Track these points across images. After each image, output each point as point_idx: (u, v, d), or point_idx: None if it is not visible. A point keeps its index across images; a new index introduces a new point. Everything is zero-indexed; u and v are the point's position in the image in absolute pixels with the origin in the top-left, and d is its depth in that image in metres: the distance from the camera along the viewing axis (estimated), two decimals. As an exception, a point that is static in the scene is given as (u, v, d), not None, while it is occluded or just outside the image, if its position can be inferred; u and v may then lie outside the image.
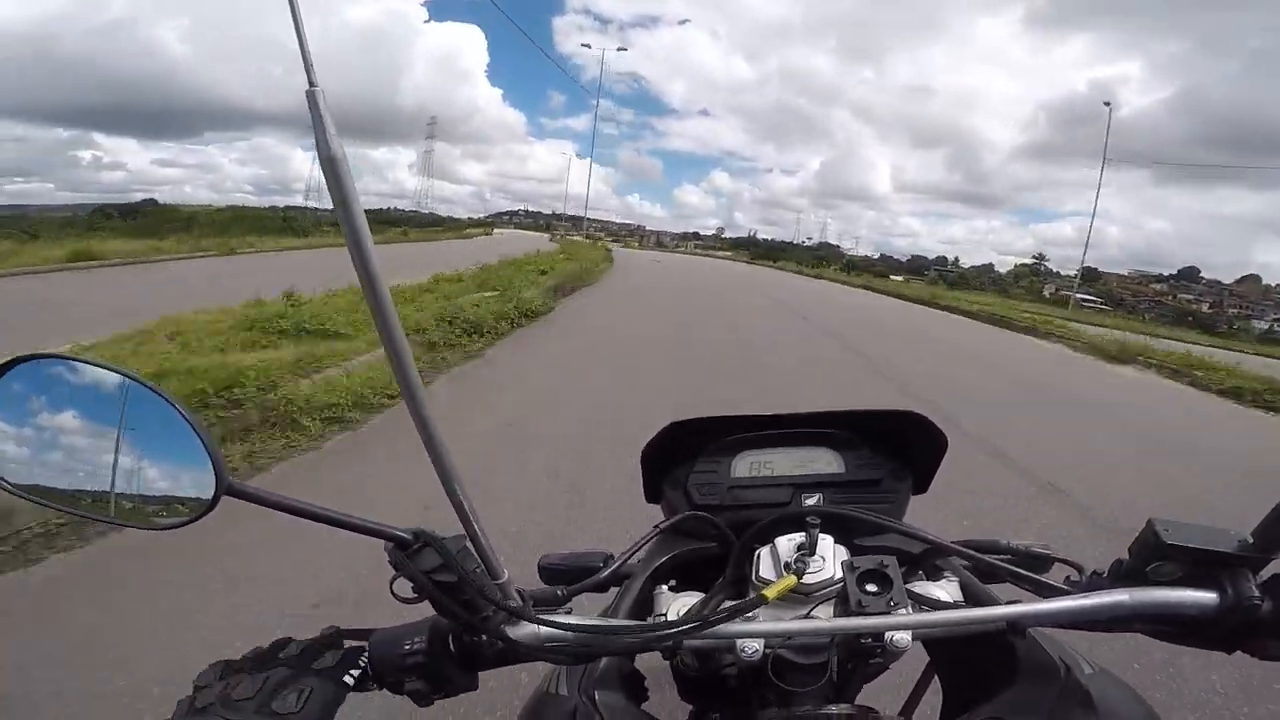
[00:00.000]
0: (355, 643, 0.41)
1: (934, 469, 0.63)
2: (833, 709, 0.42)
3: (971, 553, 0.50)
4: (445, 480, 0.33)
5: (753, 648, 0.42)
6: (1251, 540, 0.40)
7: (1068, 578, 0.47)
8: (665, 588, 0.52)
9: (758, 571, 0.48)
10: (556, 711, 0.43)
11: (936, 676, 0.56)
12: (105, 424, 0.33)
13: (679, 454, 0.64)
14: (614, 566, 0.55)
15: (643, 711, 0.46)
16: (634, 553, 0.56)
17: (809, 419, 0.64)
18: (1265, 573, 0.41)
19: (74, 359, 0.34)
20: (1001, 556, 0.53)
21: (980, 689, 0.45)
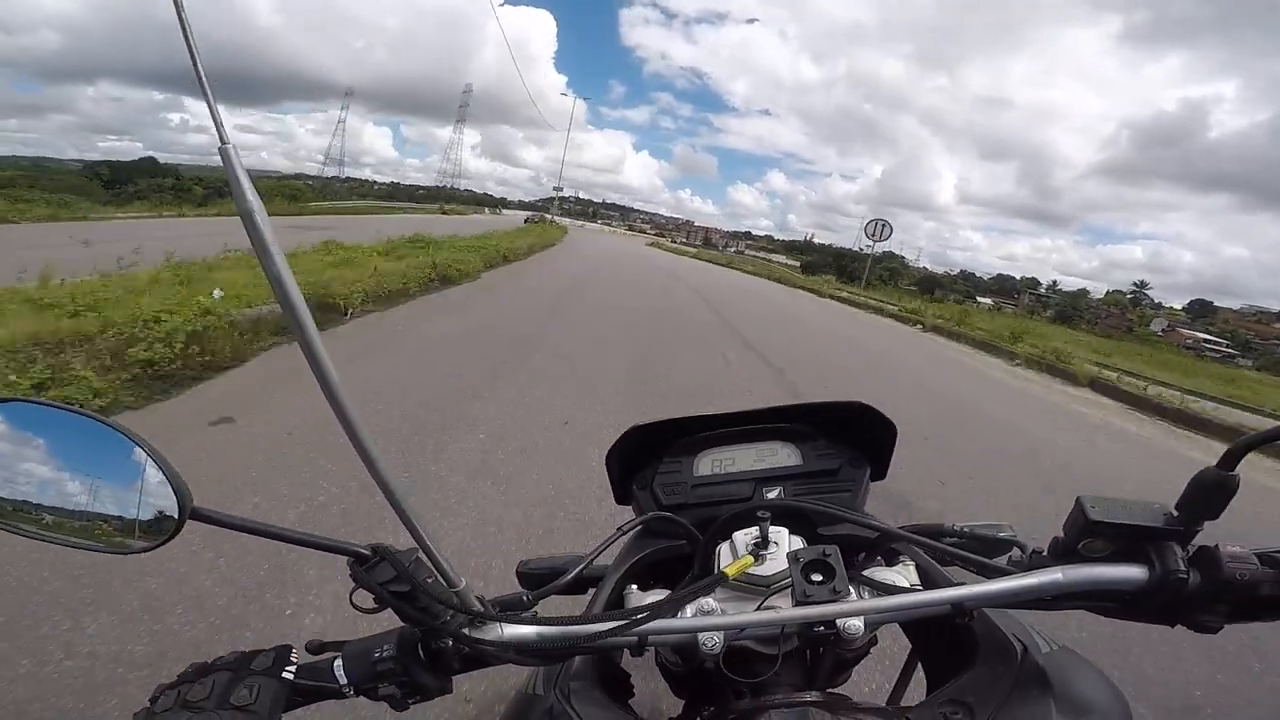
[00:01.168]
0: (331, 654, 0.43)
1: (889, 455, 0.64)
2: (805, 696, 0.43)
3: (917, 537, 0.50)
4: (390, 498, 0.33)
5: (713, 640, 0.43)
6: (1176, 513, 0.41)
7: (1010, 557, 0.47)
8: (635, 587, 0.53)
9: (719, 567, 0.48)
10: (533, 710, 0.44)
11: (921, 663, 0.55)
12: (74, 461, 0.37)
13: (644, 455, 0.66)
14: (579, 569, 0.53)
15: (624, 707, 0.46)
16: (598, 554, 0.53)
17: (766, 414, 0.65)
18: (1195, 545, 0.41)
19: (41, 403, 0.37)
20: (949, 540, 0.52)
21: (952, 672, 0.46)
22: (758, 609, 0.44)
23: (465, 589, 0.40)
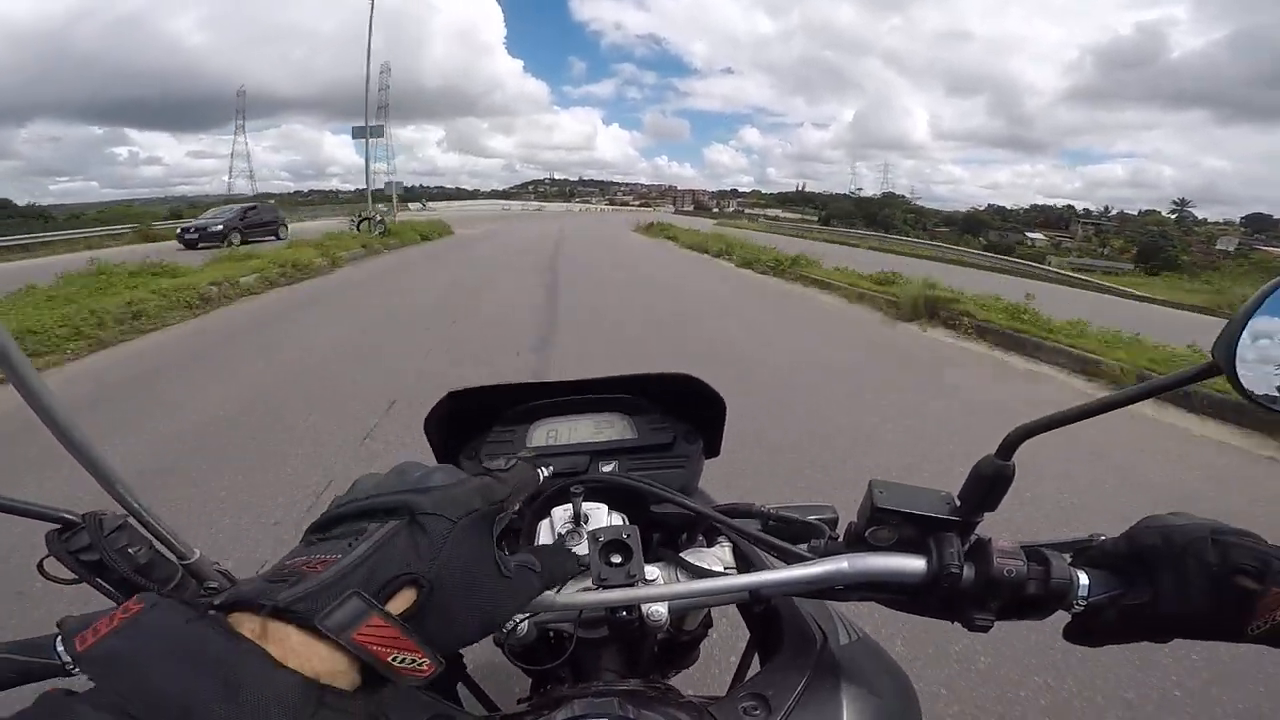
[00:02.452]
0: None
1: (720, 431, 0.63)
2: (622, 684, 0.42)
3: (725, 519, 0.48)
4: (93, 467, 0.32)
5: (513, 623, 0.42)
6: (959, 503, 0.40)
7: (811, 544, 0.46)
8: None
9: (537, 544, 0.48)
10: None
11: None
12: None
13: (473, 423, 0.63)
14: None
15: (435, 695, 0.43)
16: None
17: (600, 384, 0.64)
18: (974, 538, 0.40)
19: None
20: (760, 522, 0.51)
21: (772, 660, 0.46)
22: (557, 592, 0.41)
23: (200, 560, 0.38)
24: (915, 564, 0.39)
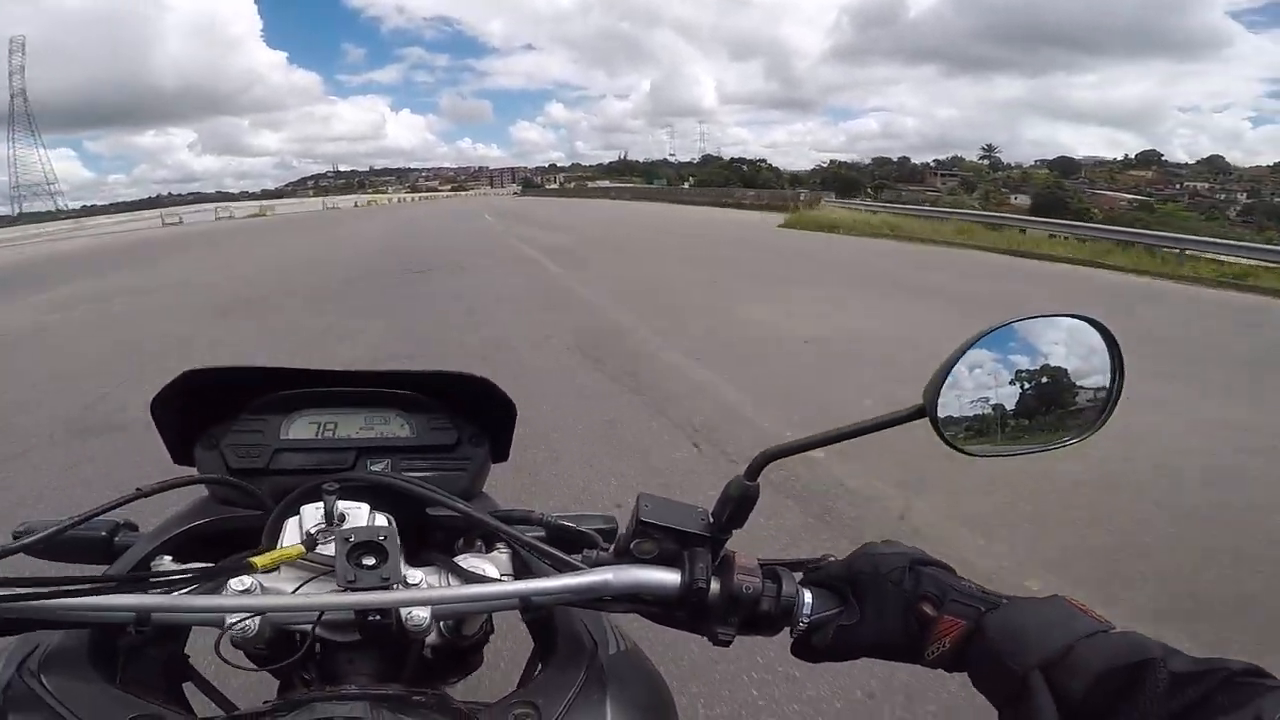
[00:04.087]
0: None
1: (509, 435, 0.61)
2: (390, 689, 0.40)
3: (501, 526, 0.48)
4: None
5: (243, 622, 0.39)
6: (712, 519, 0.42)
7: (585, 554, 0.47)
8: (169, 559, 0.48)
9: (282, 544, 0.45)
10: None
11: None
12: None
13: (216, 409, 0.57)
14: (59, 527, 0.47)
15: (121, 687, 0.40)
16: (102, 512, 0.48)
17: (375, 377, 0.61)
18: (723, 554, 0.43)
19: None
20: (536, 530, 0.52)
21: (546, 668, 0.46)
22: (294, 591, 0.41)
23: None
24: (670, 577, 0.42)
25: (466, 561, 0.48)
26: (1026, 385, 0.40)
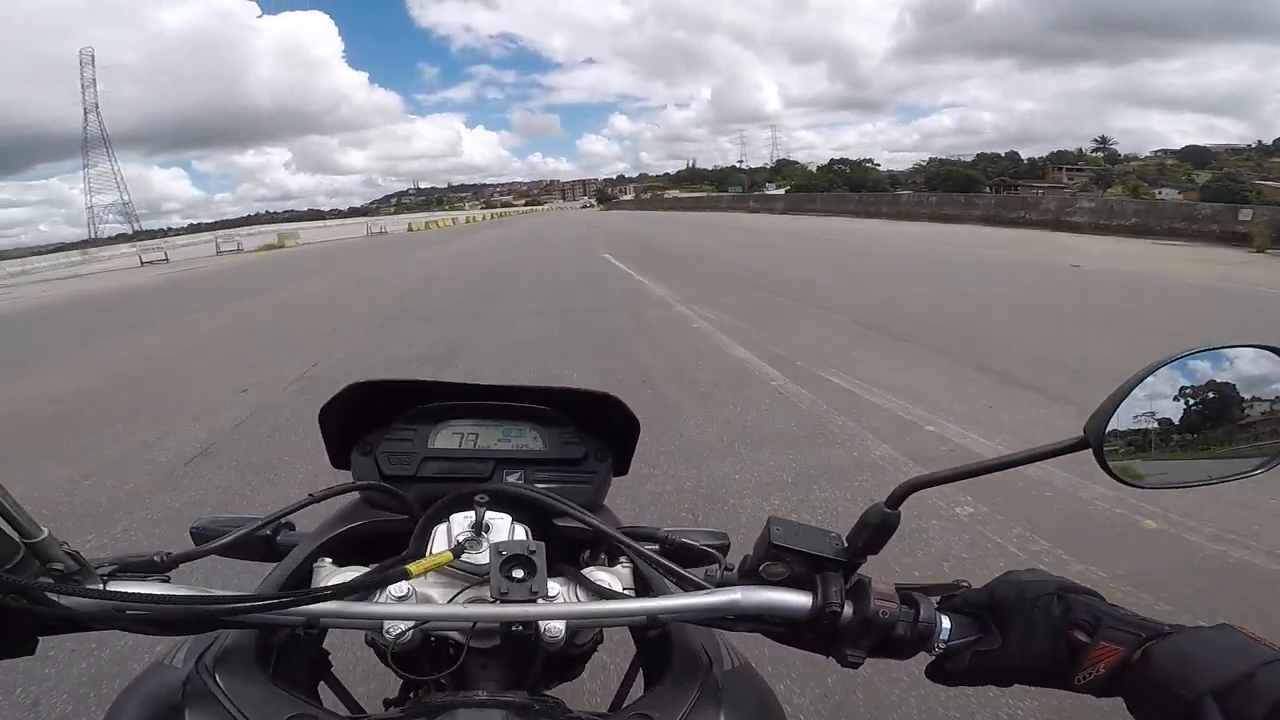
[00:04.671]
0: None
1: (631, 451, 0.64)
2: (506, 696, 0.42)
3: (628, 541, 0.50)
4: None
5: (399, 628, 0.41)
6: (846, 544, 0.43)
7: (707, 571, 0.49)
8: (329, 561, 0.51)
9: (431, 549, 0.47)
10: (163, 683, 0.42)
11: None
12: None
13: (372, 417, 0.62)
14: (244, 531, 0.52)
15: (287, 687, 0.43)
16: (277, 519, 0.53)
17: (514, 392, 0.64)
18: (856, 578, 0.43)
19: None
20: (659, 546, 0.55)
21: (660, 680, 0.47)
22: (452, 600, 0.44)
23: (47, 540, 0.37)
24: (801, 600, 0.43)
25: (593, 575, 0.50)
26: (1201, 416, 0.39)
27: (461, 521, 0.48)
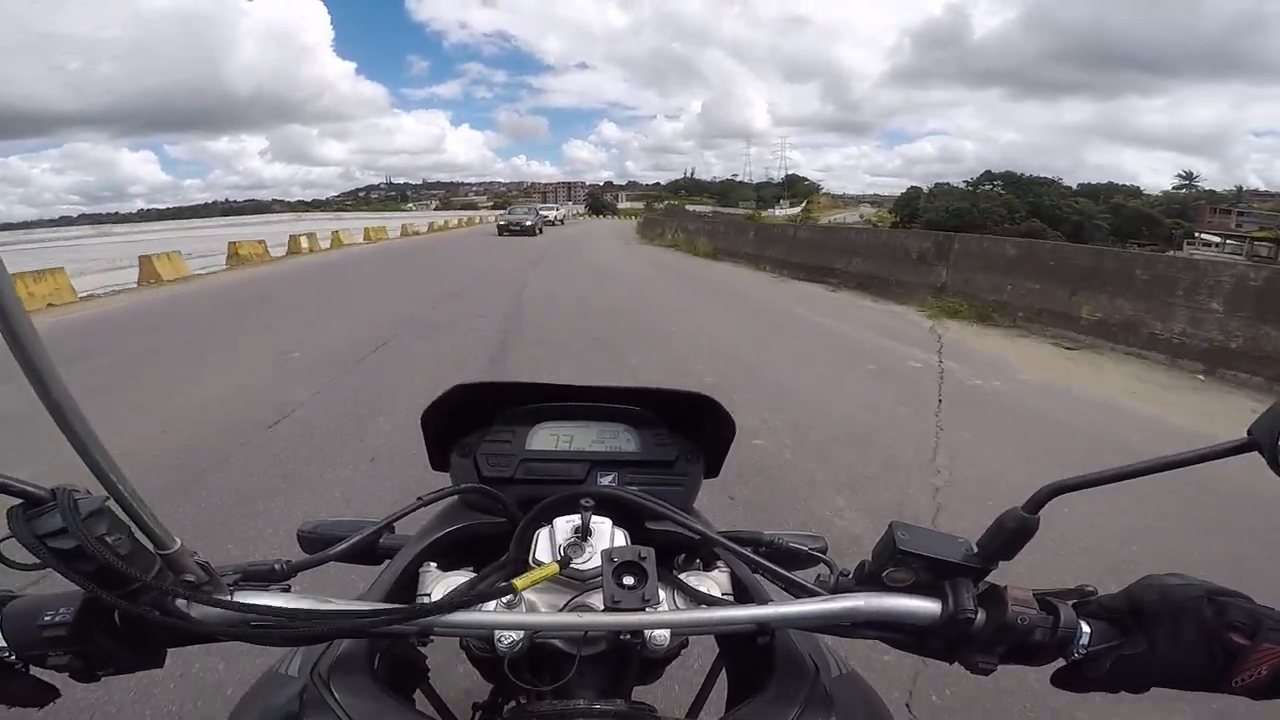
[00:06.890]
0: None
1: (724, 453, 0.64)
2: (608, 705, 0.42)
3: (732, 545, 0.49)
4: (76, 442, 0.30)
5: (510, 638, 0.42)
6: (977, 550, 0.42)
7: (818, 577, 0.48)
8: (434, 565, 0.51)
9: (534, 554, 0.47)
10: (278, 692, 0.42)
11: (725, 671, 0.55)
12: None
13: (470, 420, 0.63)
14: (358, 537, 0.52)
15: (399, 692, 0.44)
16: (388, 523, 0.54)
17: (609, 393, 0.64)
18: (986, 584, 0.43)
19: None
20: (762, 550, 0.54)
21: (751, 687, 0.46)
22: (564, 608, 0.44)
23: (180, 551, 0.37)
24: (930, 606, 0.42)
25: (691, 579, 0.50)
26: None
27: (564, 525, 0.48)
